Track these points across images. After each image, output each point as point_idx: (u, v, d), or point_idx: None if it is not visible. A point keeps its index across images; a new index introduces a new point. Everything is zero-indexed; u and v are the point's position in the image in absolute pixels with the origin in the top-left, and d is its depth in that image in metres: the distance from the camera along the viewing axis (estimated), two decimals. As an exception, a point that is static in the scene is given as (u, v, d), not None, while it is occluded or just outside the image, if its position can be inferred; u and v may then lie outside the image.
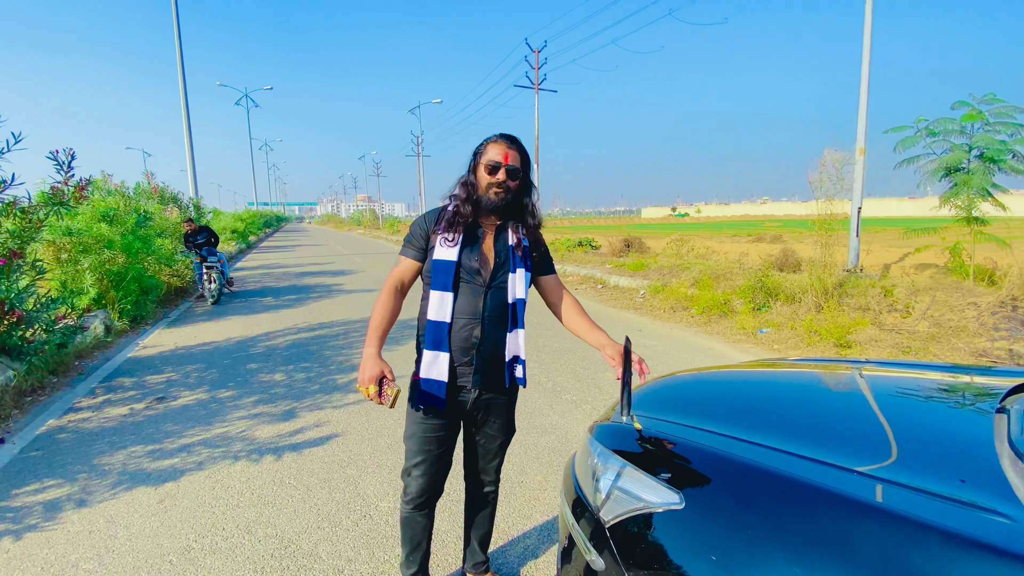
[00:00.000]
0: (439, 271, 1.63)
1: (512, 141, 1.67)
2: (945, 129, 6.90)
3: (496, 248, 1.69)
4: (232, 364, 5.04)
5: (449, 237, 1.64)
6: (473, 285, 1.64)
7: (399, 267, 1.70)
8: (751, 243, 18.09)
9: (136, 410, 3.89)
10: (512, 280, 1.68)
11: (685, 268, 9.66)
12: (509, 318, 1.68)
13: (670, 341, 5.85)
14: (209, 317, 7.55)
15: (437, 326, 1.63)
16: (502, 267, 1.67)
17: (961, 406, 1.49)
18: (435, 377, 1.63)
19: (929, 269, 9.89)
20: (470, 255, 1.65)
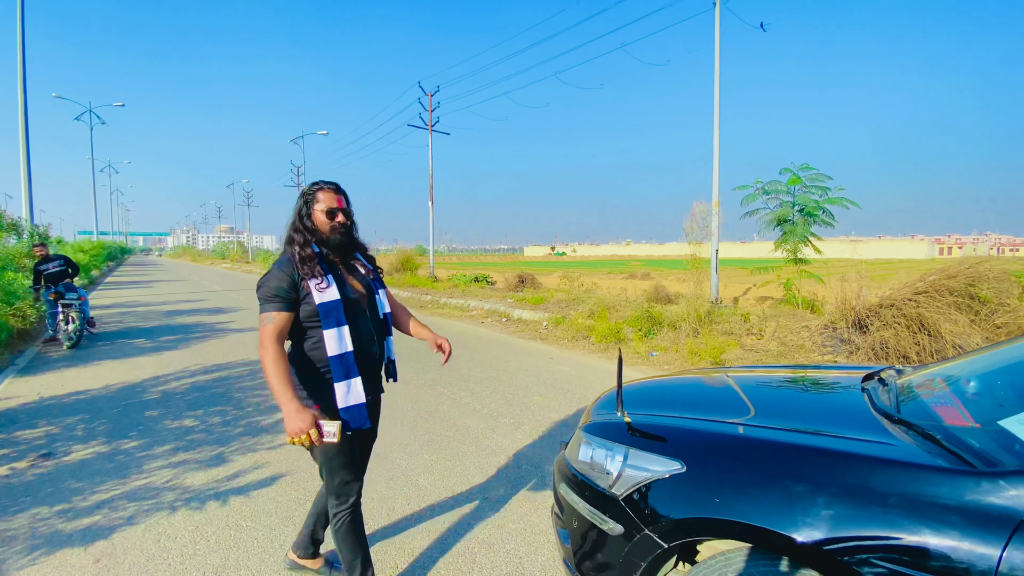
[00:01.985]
0: (328, 312, 1.80)
1: (338, 188, 1.96)
2: (775, 189, 8.68)
3: (357, 279, 1.98)
4: (124, 412, 4.50)
5: (320, 281, 1.81)
6: (359, 314, 1.91)
7: (274, 323, 1.75)
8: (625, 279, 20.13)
9: (18, 469, 3.35)
10: (380, 300, 2.03)
11: (580, 302, 10.55)
12: (388, 328, 2.08)
13: (578, 366, 6.43)
14: (71, 362, 6.52)
15: (342, 358, 1.81)
16: (370, 291, 2.00)
17: (808, 389, 2.18)
18: (355, 402, 1.84)
19: (768, 300, 11.99)
20: (347, 290, 1.89)
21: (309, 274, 1.80)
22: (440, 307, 13.37)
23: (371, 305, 1.98)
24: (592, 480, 1.79)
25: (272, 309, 1.76)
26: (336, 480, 1.91)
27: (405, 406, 4.70)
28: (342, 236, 1.91)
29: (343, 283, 1.89)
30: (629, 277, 20.84)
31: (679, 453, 1.59)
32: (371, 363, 1.94)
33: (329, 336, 1.79)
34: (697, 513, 1.45)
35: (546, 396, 5.03)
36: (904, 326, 5.80)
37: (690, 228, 7.42)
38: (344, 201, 1.94)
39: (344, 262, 1.97)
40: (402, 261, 22.27)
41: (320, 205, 1.89)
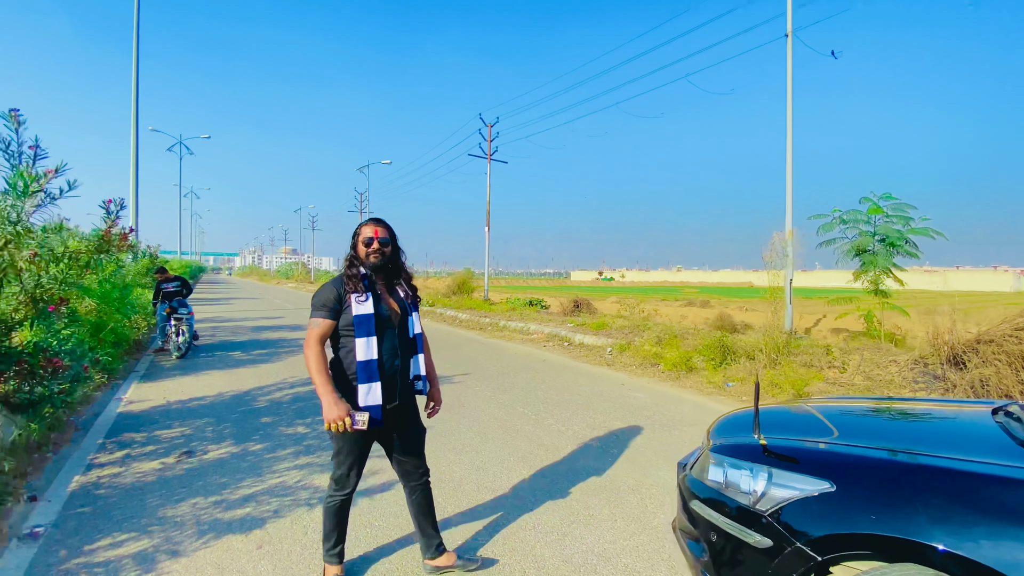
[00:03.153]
0: (361, 323, 2.15)
1: (378, 222, 2.31)
2: (855, 219, 8.47)
3: (396, 300, 2.31)
4: (243, 418, 4.97)
5: (360, 296, 2.17)
6: (389, 329, 2.23)
7: (319, 328, 2.16)
8: (684, 307, 19.79)
9: (168, 464, 3.80)
10: (412, 321, 2.34)
11: (643, 328, 10.55)
12: (417, 347, 2.36)
13: (652, 393, 6.47)
14: (183, 371, 7.21)
15: (367, 364, 2.15)
16: (404, 312, 2.31)
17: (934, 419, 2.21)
18: (371, 403, 2.16)
19: (842, 332, 11.52)
20: (381, 308, 2.22)
21: (352, 289, 2.17)
22: (500, 330, 13.65)
23: (402, 324, 2.29)
24: (730, 497, 1.92)
25: (318, 316, 2.16)
26: (340, 470, 2.29)
27: (491, 423, 4.93)
28: (377, 261, 2.25)
29: (379, 301, 2.23)
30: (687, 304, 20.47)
31: (826, 473, 1.71)
32: (394, 374, 2.23)
33: (359, 344, 2.13)
34: (851, 529, 1.57)
35: (627, 421, 5.12)
36: (1006, 363, 5.52)
37: (770, 257, 7.37)
38: (382, 232, 2.27)
39: (387, 285, 2.32)
40: (458, 284, 22.92)
41: (361, 236, 2.26)
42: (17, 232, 3.52)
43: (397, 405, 2.28)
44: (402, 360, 2.27)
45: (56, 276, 3.60)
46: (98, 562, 2.56)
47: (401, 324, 2.28)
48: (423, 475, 2.46)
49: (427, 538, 2.48)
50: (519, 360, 8.81)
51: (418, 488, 2.45)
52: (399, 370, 2.26)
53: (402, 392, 2.30)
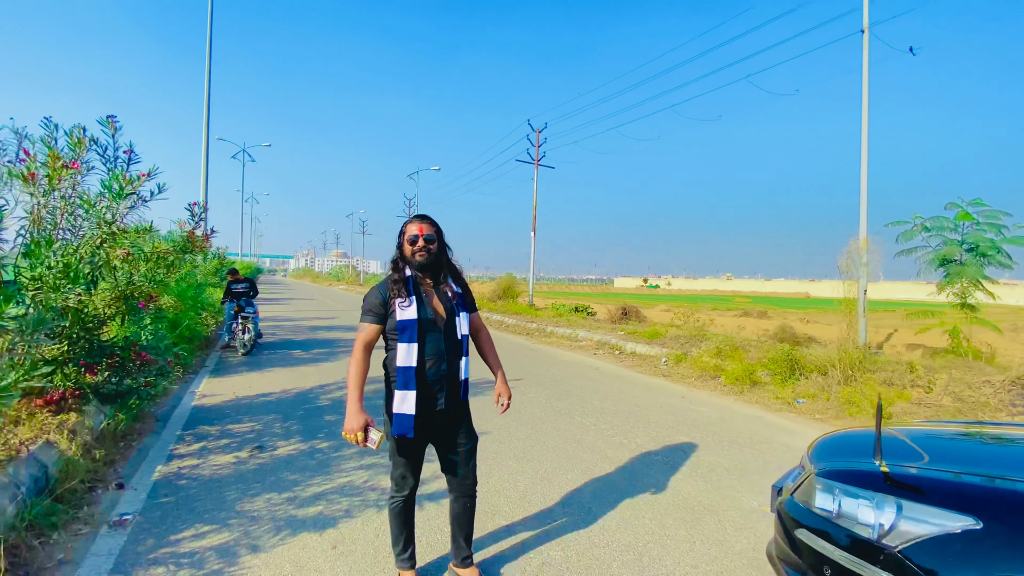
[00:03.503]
0: (404, 328, 2.09)
1: (423, 218, 2.23)
2: (940, 226, 7.85)
3: (442, 301, 2.20)
4: (307, 415, 5.09)
5: (404, 301, 2.10)
6: (434, 333, 2.14)
7: (364, 332, 2.13)
8: (739, 317, 19.00)
9: (242, 459, 3.92)
10: (459, 322, 2.21)
11: (701, 339, 10.16)
12: (463, 350, 2.23)
13: (716, 408, 6.17)
14: (249, 367, 7.51)
15: (405, 371, 2.09)
16: (451, 314, 2.19)
17: None
18: (405, 411, 2.11)
19: (918, 348, 10.70)
20: (426, 311, 2.14)
21: (396, 294, 2.12)
22: (547, 336, 13.53)
23: (449, 326, 2.18)
24: (846, 528, 1.75)
25: (365, 320, 2.15)
26: (396, 472, 2.28)
27: (551, 432, 4.83)
28: (423, 259, 2.17)
29: (424, 304, 2.16)
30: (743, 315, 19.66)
31: (969, 508, 1.52)
32: (436, 380, 2.15)
33: (401, 349, 2.09)
34: (1004, 573, 1.38)
35: (692, 436, 4.89)
36: None
37: (846, 266, 6.92)
38: (427, 229, 2.19)
39: (434, 284, 2.23)
40: (503, 289, 22.97)
41: (407, 235, 2.19)
42: (112, 232, 3.74)
43: (444, 411, 2.20)
44: (449, 364, 2.17)
45: (145, 274, 3.80)
46: (183, 552, 2.63)
47: (448, 326, 2.18)
48: (470, 487, 2.35)
49: (457, 548, 2.41)
50: (571, 368, 8.67)
51: (462, 499, 2.35)
52: (445, 375, 2.17)
53: (449, 397, 2.20)
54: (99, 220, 3.79)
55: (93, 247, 3.75)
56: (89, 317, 3.66)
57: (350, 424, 2.04)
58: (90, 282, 3.74)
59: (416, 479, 2.31)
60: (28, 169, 3.35)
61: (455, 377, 2.21)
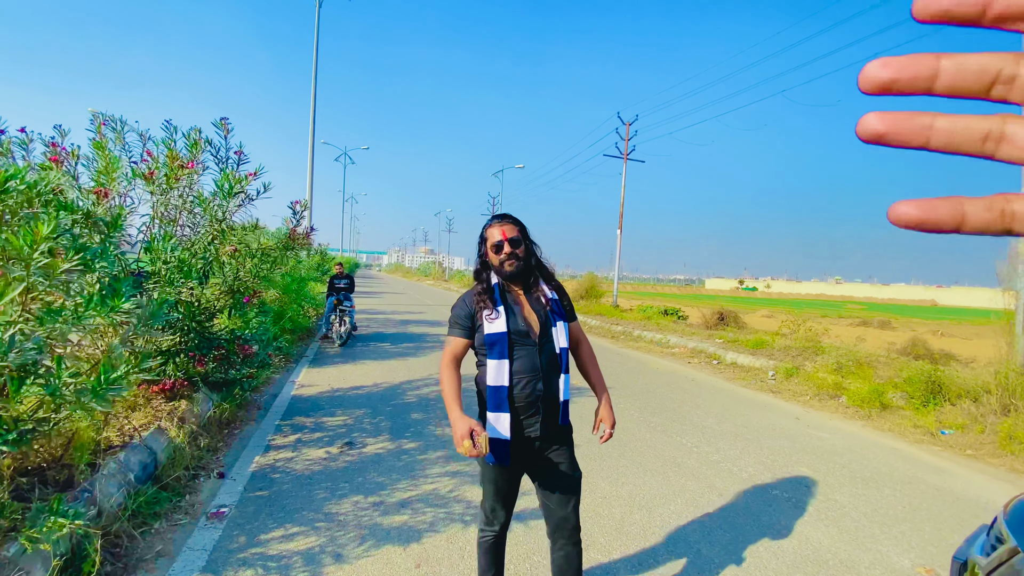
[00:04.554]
0: (493, 343, 1.83)
1: (502, 219, 1.94)
2: None
3: (535, 310, 1.92)
4: (396, 412, 5.09)
5: (490, 313, 1.86)
6: (527, 347, 1.86)
7: (451, 345, 1.91)
8: (856, 327, 16.95)
9: (332, 454, 3.94)
10: (555, 333, 1.91)
11: (815, 351, 9.08)
12: (561, 365, 1.90)
13: (839, 434, 5.37)
14: (344, 359, 7.80)
15: (497, 391, 1.83)
16: (545, 324, 1.90)
17: None
18: (498, 435, 1.83)
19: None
20: (516, 322, 1.87)
21: (482, 306, 1.89)
22: (634, 339, 12.88)
23: (543, 338, 1.89)
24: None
25: (451, 334, 1.93)
26: (487, 504, 2.02)
27: (646, 451, 4.41)
28: (512, 269, 1.91)
29: (513, 314, 1.90)
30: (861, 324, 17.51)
31: None
32: (531, 401, 1.86)
33: (491, 367, 1.85)
34: None
35: (814, 468, 4.23)
36: None
37: (1006, 273, 5.73)
38: (510, 231, 1.91)
39: (525, 290, 1.97)
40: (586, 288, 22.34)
41: (488, 243, 1.93)
42: (222, 229, 3.90)
43: (539, 438, 1.88)
44: (546, 383, 1.86)
45: (251, 270, 3.94)
46: (271, 555, 2.60)
47: (543, 338, 1.89)
48: (573, 531, 1.97)
49: None
50: (663, 377, 8.08)
51: (565, 547, 1.98)
52: (542, 395, 1.85)
53: (546, 422, 1.88)
54: (211, 218, 3.97)
55: (205, 243, 3.93)
56: (200, 310, 3.85)
57: (456, 430, 1.71)
58: (202, 276, 3.93)
59: (509, 514, 2.04)
60: (149, 169, 3.56)
61: (553, 398, 1.89)
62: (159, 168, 3.75)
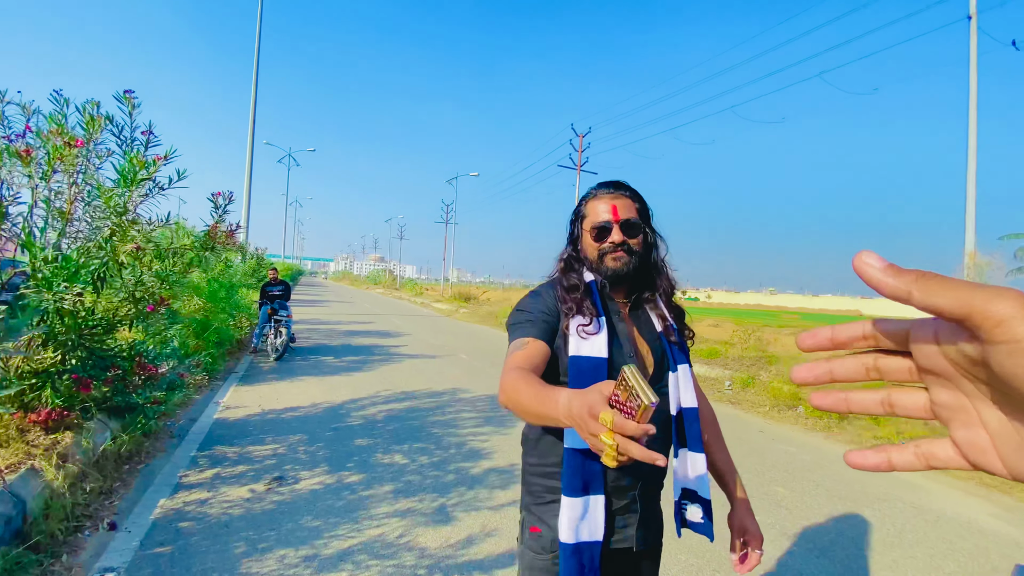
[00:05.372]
0: (583, 372, 1.09)
1: (614, 189, 1.23)
2: (1072, 240, 6.66)
3: (645, 336, 1.22)
4: (337, 438, 4.48)
5: (587, 323, 1.13)
6: None
7: (523, 351, 1.07)
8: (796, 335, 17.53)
9: (257, 492, 3.32)
10: (675, 382, 1.18)
11: (769, 361, 9.14)
12: (674, 436, 1.17)
13: (806, 448, 5.24)
14: (279, 375, 7.03)
15: (584, 457, 1.07)
16: (661, 363, 1.19)
17: None
18: (586, 538, 1.07)
19: None
20: (620, 351, 1.15)
21: (574, 308, 1.16)
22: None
23: (657, 385, 1.18)
24: None
25: (521, 334, 1.12)
26: None
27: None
28: (620, 267, 1.19)
29: (618, 335, 1.17)
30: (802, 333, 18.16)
31: None
32: (633, 484, 1.15)
33: None
34: None
35: (790, 489, 4.01)
36: None
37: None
38: (624, 209, 1.20)
39: (632, 304, 1.25)
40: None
41: (587, 221, 1.23)
42: (122, 224, 3.23)
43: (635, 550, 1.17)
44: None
45: (159, 273, 3.28)
46: (166, 636, 2.01)
47: (656, 384, 1.19)
48: None
49: None
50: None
51: None
52: (648, 478, 1.17)
53: (647, 520, 1.19)
54: (110, 209, 3.29)
55: (101, 241, 3.25)
56: (92, 321, 3.16)
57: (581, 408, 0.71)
58: (97, 280, 3.24)
59: None
60: (26, 146, 2.87)
61: (655, 488, 1.21)
62: (44, 145, 3.06)
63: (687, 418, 1.17)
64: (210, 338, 6.17)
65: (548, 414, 0.84)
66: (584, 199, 1.28)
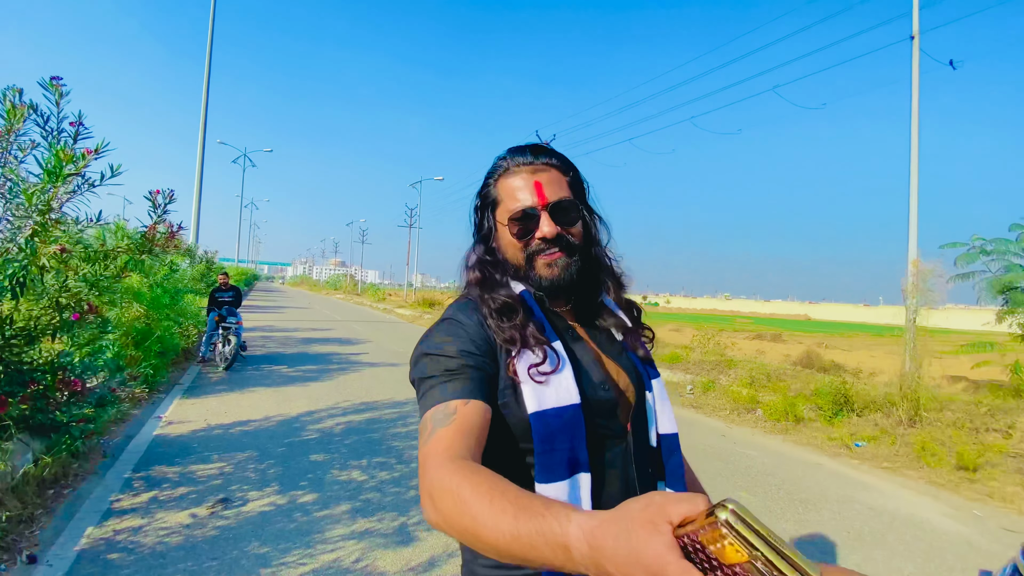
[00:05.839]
0: (554, 434, 0.76)
1: (536, 153, 0.89)
2: (1003, 250, 7.10)
3: (609, 354, 0.92)
4: (290, 454, 4.22)
5: (540, 361, 0.79)
6: (613, 437, 0.84)
7: (451, 426, 0.69)
8: (753, 340, 18.18)
9: (199, 518, 3.05)
10: (654, 404, 0.92)
11: (728, 365, 9.35)
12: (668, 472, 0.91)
13: (765, 451, 5.33)
14: (229, 387, 6.63)
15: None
16: (638, 384, 0.91)
17: None
18: None
19: (961, 381, 9.90)
20: (593, 386, 0.84)
21: (517, 341, 0.81)
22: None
23: (637, 417, 0.90)
24: None
25: (440, 396, 0.74)
26: None
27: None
28: (559, 274, 0.87)
29: (583, 365, 0.86)
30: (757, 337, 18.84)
31: None
32: None
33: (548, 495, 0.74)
34: None
35: (752, 492, 4.05)
36: None
37: (911, 290, 6.13)
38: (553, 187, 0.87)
39: (578, 319, 0.95)
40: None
41: (503, 207, 0.89)
42: (45, 223, 2.92)
43: None
44: None
45: (86, 277, 2.98)
46: None
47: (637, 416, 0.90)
48: None
49: None
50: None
51: None
52: None
53: None
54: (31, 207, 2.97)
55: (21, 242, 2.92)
56: (10, 331, 2.83)
57: (645, 560, 0.42)
58: (16, 285, 2.91)
59: None
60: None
61: None
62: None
63: (665, 448, 0.90)
64: (152, 348, 5.74)
65: (538, 557, 0.50)
66: (492, 174, 0.92)
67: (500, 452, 0.80)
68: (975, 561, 3.02)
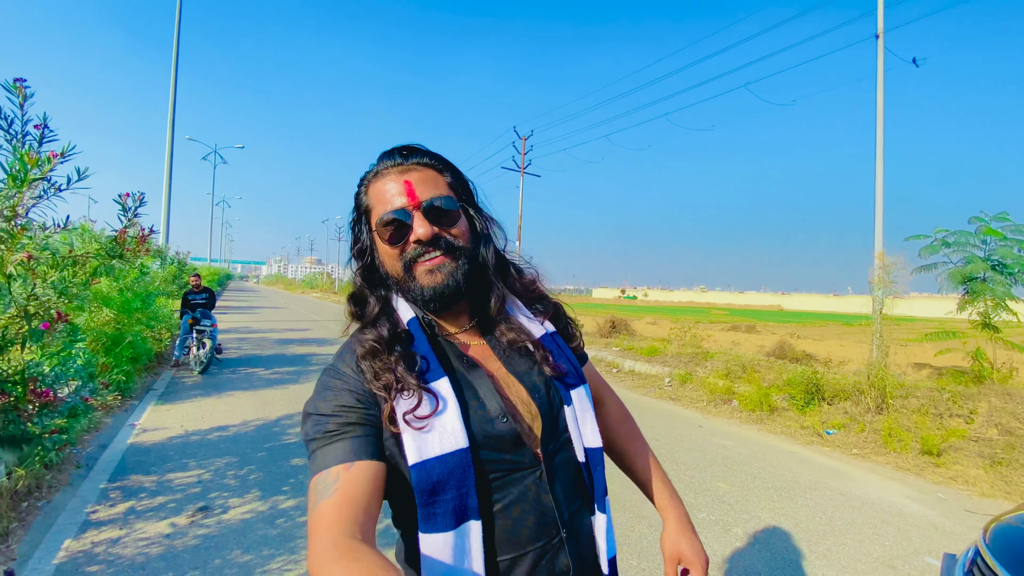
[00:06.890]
0: (441, 484, 0.72)
1: (407, 154, 0.84)
2: (963, 242, 7.41)
3: (515, 372, 0.85)
4: (270, 459, 4.18)
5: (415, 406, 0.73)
6: (521, 469, 0.79)
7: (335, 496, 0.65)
8: (728, 331, 18.58)
9: (179, 527, 3.01)
10: (573, 417, 0.85)
11: (704, 357, 9.55)
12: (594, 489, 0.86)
13: (742, 440, 5.49)
14: (205, 391, 6.50)
15: None
16: (549, 405, 0.84)
17: None
18: None
19: (925, 369, 10.31)
20: (486, 421, 0.78)
21: (392, 385, 0.75)
22: (538, 351, 12.76)
23: (551, 441, 0.84)
24: None
25: (325, 460, 0.70)
26: None
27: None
28: (442, 280, 0.80)
29: (479, 395, 0.80)
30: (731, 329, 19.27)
31: None
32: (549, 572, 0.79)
33: (432, 545, 0.71)
34: None
35: (730, 483, 4.17)
36: None
37: (877, 282, 6.36)
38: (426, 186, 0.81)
39: (484, 330, 0.89)
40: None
41: (375, 213, 0.82)
42: (11, 229, 2.82)
43: None
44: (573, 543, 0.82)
45: (55, 285, 2.89)
46: None
47: (549, 440, 0.83)
48: None
49: None
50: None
51: None
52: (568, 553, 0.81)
53: None
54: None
55: (-16, 249, 2.82)
56: (-26, 342, 2.73)
57: None
58: (-20, 295, 2.81)
59: None
60: None
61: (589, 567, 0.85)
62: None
63: (592, 462, 0.85)
64: (123, 353, 5.59)
65: None
66: (362, 182, 0.86)
67: (404, 503, 0.77)
68: (940, 543, 3.18)
